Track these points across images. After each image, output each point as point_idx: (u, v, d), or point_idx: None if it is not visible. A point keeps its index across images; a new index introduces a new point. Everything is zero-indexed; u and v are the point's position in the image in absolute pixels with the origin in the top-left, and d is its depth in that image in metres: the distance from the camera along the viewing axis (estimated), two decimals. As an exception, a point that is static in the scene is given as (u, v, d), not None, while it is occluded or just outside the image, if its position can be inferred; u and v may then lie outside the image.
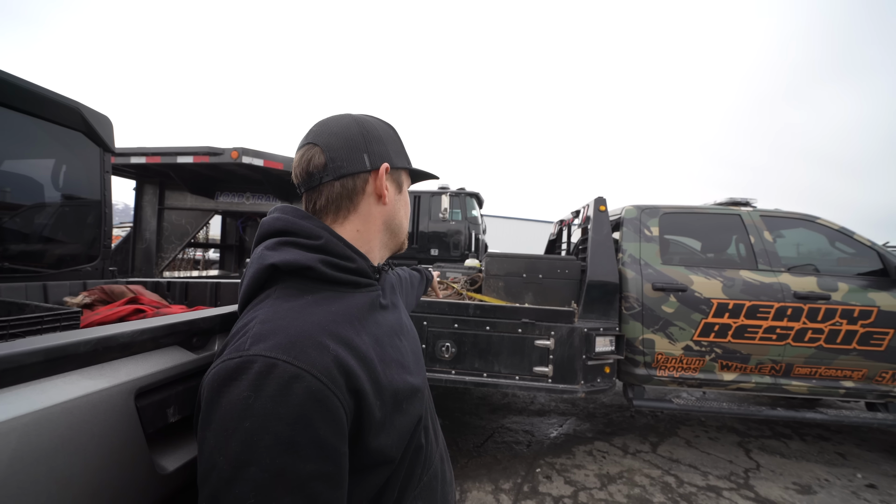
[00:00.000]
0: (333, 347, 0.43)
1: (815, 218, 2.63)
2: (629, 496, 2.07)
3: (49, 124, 1.54)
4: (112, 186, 1.92)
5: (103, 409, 0.41)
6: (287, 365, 0.39)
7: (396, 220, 0.61)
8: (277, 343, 0.40)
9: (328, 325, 0.45)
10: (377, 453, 0.46)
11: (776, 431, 2.96)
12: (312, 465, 0.38)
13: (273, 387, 0.38)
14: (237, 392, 0.38)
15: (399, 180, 0.61)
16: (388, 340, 0.53)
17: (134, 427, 0.44)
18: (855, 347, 2.32)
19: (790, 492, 2.17)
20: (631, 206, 2.77)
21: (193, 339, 0.57)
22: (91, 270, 1.76)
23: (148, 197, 4.13)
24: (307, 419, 0.38)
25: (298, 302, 0.47)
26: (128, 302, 1.41)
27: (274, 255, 0.49)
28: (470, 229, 6.74)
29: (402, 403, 0.50)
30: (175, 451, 0.52)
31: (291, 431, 0.37)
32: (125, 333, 0.46)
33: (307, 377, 0.39)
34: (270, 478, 0.36)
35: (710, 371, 2.43)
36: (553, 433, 2.83)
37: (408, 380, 0.53)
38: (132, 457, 0.43)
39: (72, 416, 0.38)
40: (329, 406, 0.40)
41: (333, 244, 0.51)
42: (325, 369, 0.41)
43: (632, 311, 2.46)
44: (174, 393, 0.52)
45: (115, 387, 0.43)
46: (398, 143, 0.62)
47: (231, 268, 4.91)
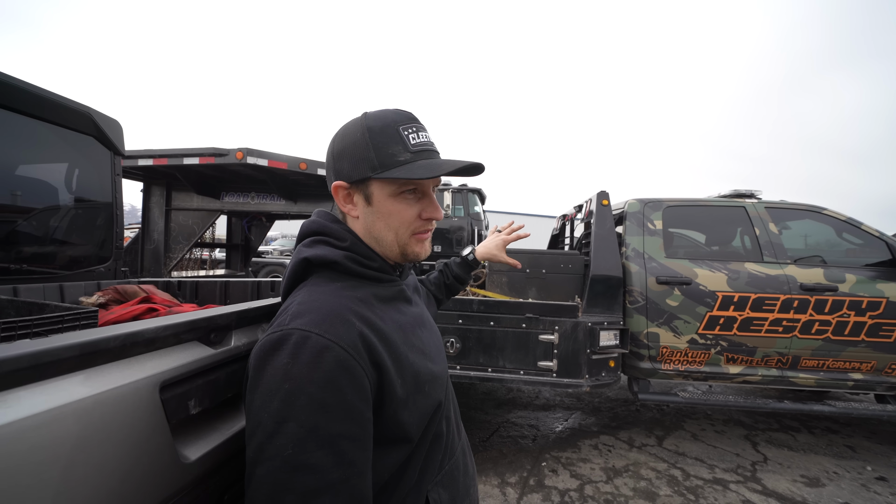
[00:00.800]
0: (358, 325, 0.49)
1: (822, 209, 2.60)
2: (635, 489, 2.09)
3: (61, 129, 1.58)
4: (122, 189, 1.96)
5: (132, 400, 0.43)
6: (319, 337, 0.46)
7: (374, 232, 0.59)
8: (312, 319, 0.47)
9: (354, 306, 0.52)
10: (397, 427, 0.51)
11: (784, 424, 2.96)
12: (341, 425, 0.44)
13: (307, 355, 0.44)
14: (279, 360, 0.45)
15: (368, 192, 0.57)
16: (409, 328, 0.59)
17: (159, 418, 0.47)
18: (863, 339, 2.31)
19: (798, 484, 2.17)
20: (634, 199, 2.76)
21: (212, 335, 0.60)
22: (104, 271, 1.80)
23: (155, 198, 4.19)
24: (336, 383, 0.44)
25: (329, 287, 0.54)
26: (141, 301, 1.44)
27: (308, 251, 0.58)
28: (473, 225, 6.75)
29: (423, 386, 0.55)
30: (196, 441, 0.54)
31: (323, 393, 0.43)
32: (150, 329, 0.48)
33: (336, 348, 0.45)
34: (306, 433, 0.42)
35: (716, 364, 2.43)
36: (558, 427, 2.85)
37: (428, 366, 0.58)
38: (158, 446, 0.46)
39: (104, 406, 0.40)
40: (354, 374, 0.46)
41: (357, 246, 0.59)
42: (350, 342, 0.47)
43: (636, 304, 2.47)
44: (194, 386, 0.54)
45: (141, 380, 0.45)
46: (361, 150, 0.56)
47: (237, 267, 4.97)
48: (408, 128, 0.57)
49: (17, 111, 1.36)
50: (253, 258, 5.25)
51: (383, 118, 0.57)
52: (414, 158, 0.56)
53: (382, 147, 0.55)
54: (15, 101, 1.35)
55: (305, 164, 3.40)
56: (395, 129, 0.56)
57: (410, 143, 0.56)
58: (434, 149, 0.59)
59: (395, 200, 0.58)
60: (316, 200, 4.07)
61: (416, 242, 0.60)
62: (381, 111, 0.58)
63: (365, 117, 0.58)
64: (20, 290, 1.27)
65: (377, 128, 0.56)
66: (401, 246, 0.60)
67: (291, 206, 4.07)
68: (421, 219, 0.59)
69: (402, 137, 0.56)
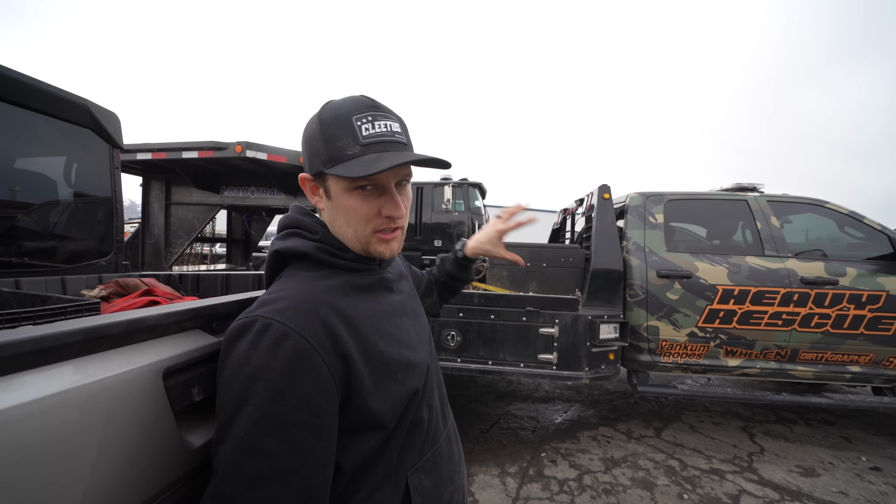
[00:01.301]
0: (324, 314, 0.49)
1: (824, 202, 2.60)
2: (633, 479, 2.12)
3: (59, 122, 1.57)
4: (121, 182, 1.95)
5: (136, 386, 0.44)
6: (280, 325, 0.46)
7: (335, 226, 0.57)
8: (276, 308, 0.48)
9: (322, 295, 0.52)
10: (369, 415, 0.51)
11: (781, 416, 2.98)
12: (295, 414, 0.44)
13: (267, 342, 0.45)
14: (241, 345, 0.46)
15: (325, 186, 0.56)
16: (385, 317, 0.58)
17: (163, 404, 0.47)
18: (862, 332, 2.32)
19: (794, 474, 2.19)
20: (635, 193, 2.76)
21: (214, 324, 0.60)
22: (105, 265, 1.80)
23: (155, 193, 4.18)
24: (293, 372, 0.44)
25: (302, 277, 0.55)
26: (142, 294, 1.45)
27: (279, 244, 0.58)
28: (473, 220, 6.74)
29: (395, 374, 0.55)
30: (200, 427, 0.55)
31: (279, 380, 0.44)
32: (152, 317, 0.48)
33: (296, 336, 0.46)
34: (259, 417, 0.43)
35: (715, 357, 2.44)
36: (558, 419, 2.88)
37: (405, 354, 0.57)
38: (163, 431, 0.47)
39: (108, 392, 0.40)
40: (313, 363, 0.46)
41: (328, 238, 0.58)
42: (312, 331, 0.47)
43: (636, 298, 2.47)
44: (198, 374, 0.54)
45: (144, 366, 0.45)
46: (316, 142, 0.54)
47: (238, 261, 4.98)
48: (362, 117, 0.53)
49: (13, 103, 1.35)
50: (254, 253, 5.25)
51: (338, 108, 0.54)
52: (363, 152, 0.52)
53: (332, 140, 0.53)
54: (11, 93, 1.34)
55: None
56: (348, 119, 0.53)
57: (361, 134, 0.52)
58: (393, 139, 0.54)
59: (351, 196, 0.54)
60: (316, 194, 4.06)
61: (378, 241, 0.57)
62: (341, 100, 0.55)
63: (322, 108, 0.56)
64: (22, 283, 1.27)
65: (329, 119, 0.53)
66: (361, 243, 0.57)
67: (291, 200, 4.06)
68: (381, 216, 0.55)
69: (354, 129, 0.52)
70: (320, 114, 0.55)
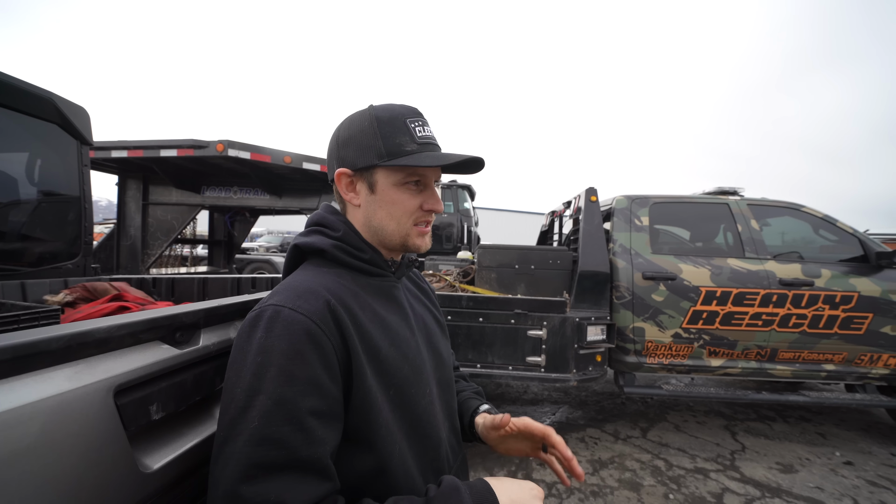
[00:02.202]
0: (333, 304, 0.50)
1: (801, 206, 2.68)
2: (620, 480, 2.12)
3: (21, 115, 1.47)
4: (92, 181, 1.85)
5: (79, 407, 0.39)
6: (290, 311, 0.47)
7: (374, 221, 0.60)
8: (287, 296, 0.49)
9: (332, 288, 0.53)
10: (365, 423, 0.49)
11: (761, 414, 3.05)
12: (308, 401, 0.44)
13: (279, 328, 0.46)
14: (254, 336, 0.46)
15: (372, 180, 0.59)
16: (392, 327, 0.57)
17: (114, 426, 0.43)
18: (836, 332, 2.40)
19: (773, 471, 2.24)
20: (622, 196, 2.79)
21: (177, 334, 0.56)
22: (72, 268, 1.70)
23: (131, 192, 4.01)
24: (303, 355, 0.45)
25: (315, 271, 0.57)
26: (112, 299, 1.37)
27: (300, 239, 0.61)
28: (462, 221, 6.74)
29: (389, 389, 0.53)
30: (160, 448, 0.50)
31: (290, 364, 0.44)
32: (101, 329, 0.44)
33: (306, 321, 0.47)
34: (273, 405, 0.42)
35: (699, 357, 2.48)
36: (546, 421, 2.87)
37: (405, 370, 0.55)
38: (113, 456, 0.42)
39: (44, 415, 0.36)
40: (323, 347, 0.47)
41: (350, 237, 0.60)
42: (322, 316, 0.48)
43: (623, 300, 2.50)
44: (157, 390, 0.50)
45: (91, 384, 0.41)
46: (369, 138, 0.57)
47: (220, 264, 4.83)
48: (414, 121, 0.59)
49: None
50: (236, 255, 5.11)
51: (391, 110, 0.59)
52: (420, 150, 0.57)
53: (390, 136, 0.57)
54: (-34, 84, 1.25)
55: (290, 158, 3.31)
56: (403, 120, 0.58)
57: (417, 135, 0.58)
58: (438, 144, 0.61)
59: (399, 190, 0.58)
60: (301, 195, 3.97)
61: (417, 234, 0.60)
62: (388, 104, 0.60)
63: (372, 108, 0.59)
64: (-25, 288, 1.18)
65: (385, 118, 0.58)
66: (402, 236, 0.60)
67: (276, 200, 3.96)
68: (422, 210, 0.60)
69: (410, 129, 0.58)
70: (373, 113, 0.58)
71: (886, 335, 2.38)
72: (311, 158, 3.32)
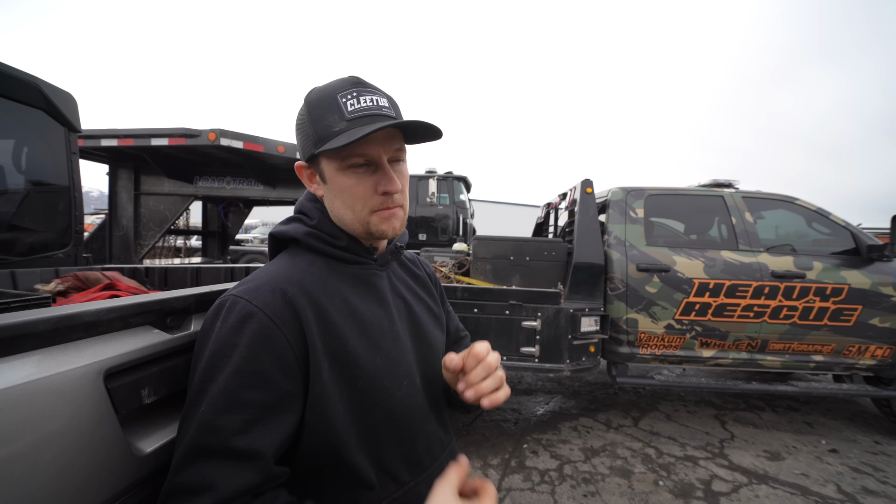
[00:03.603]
0: (292, 294, 0.49)
1: (795, 199, 2.70)
2: (612, 468, 2.17)
3: (5, 101, 1.43)
4: (82, 171, 1.82)
5: (68, 390, 0.39)
6: (246, 303, 0.47)
7: (334, 210, 0.57)
8: (248, 287, 0.49)
9: (298, 277, 0.52)
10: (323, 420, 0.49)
11: (750, 404, 3.12)
12: (252, 394, 0.44)
13: (233, 320, 0.46)
14: (213, 324, 0.47)
15: (320, 170, 0.55)
16: (367, 316, 0.55)
17: (105, 409, 0.43)
18: (826, 323, 2.44)
19: (761, 459, 2.30)
20: (617, 188, 2.79)
21: (167, 319, 0.55)
22: (63, 257, 1.68)
23: (123, 182, 3.95)
24: (253, 351, 0.45)
25: (287, 261, 0.55)
26: (104, 288, 1.36)
27: (276, 228, 0.60)
28: (458, 213, 6.72)
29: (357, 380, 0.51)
30: (153, 431, 0.51)
31: (240, 358, 0.44)
32: (90, 312, 0.44)
33: (260, 314, 0.46)
34: (218, 393, 0.43)
35: (691, 348, 2.52)
36: (539, 411, 2.92)
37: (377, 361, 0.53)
38: (104, 439, 0.42)
39: (32, 398, 0.36)
40: (275, 343, 0.46)
41: (324, 224, 0.58)
42: (276, 310, 0.47)
43: (616, 291, 2.52)
44: (148, 374, 0.50)
45: (80, 368, 0.41)
46: (305, 126, 0.54)
47: (214, 255, 4.79)
48: (347, 94, 0.52)
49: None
50: (231, 246, 5.07)
51: (323, 89, 0.54)
52: (349, 126, 0.51)
53: (319, 120, 0.52)
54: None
55: (283, 147, 3.26)
56: (333, 97, 0.52)
57: (347, 110, 0.51)
58: (380, 112, 0.52)
59: (345, 175, 0.53)
60: (296, 186, 3.93)
61: (378, 220, 0.55)
62: (326, 82, 0.55)
63: (312, 91, 0.55)
64: (-37, 277, 1.16)
65: (314, 100, 0.54)
66: (362, 224, 0.55)
67: (270, 191, 3.92)
68: (377, 193, 0.53)
69: (339, 106, 0.52)
70: (307, 98, 0.55)
71: (875, 327, 2.42)
72: (306, 148, 3.28)
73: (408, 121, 0.51)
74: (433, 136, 0.55)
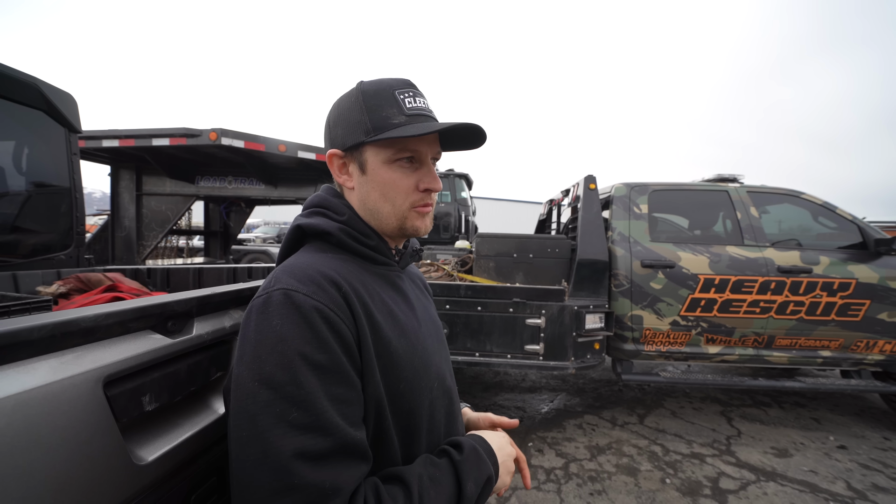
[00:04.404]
0: (346, 290, 0.47)
1: (800, 193, 2.66)
2: (618, 465, 2.16)
3: (5, 102, 1.42)
4: (83, 172, 1.81)
5: (66, 399, 0.38)
6: (304, 296, 0.44)
7: (369, 203, 0.56)
8: (298, 280, 0.46)
9: (343, 273, 0.50)
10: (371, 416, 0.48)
11: (756, 400, 3.10)
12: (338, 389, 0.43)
13: (294, 315, 0.43)
14: (268, 322, 0.43)
15: (362, 159, 0.54)
16: (401, 316, 0.54)
17: (104, 417, 0.42)
18: (833, 318, 2.41)
19: (769, 456, 2.28)
20: (620, 183, 2.76)
21: (169, 323, 0.54)
22: (65, 259, 1.68)
23: (124, 183, 3.95)
24: (328, 343, 0.43)
25: (318, 255, 0.53)
26: (106, 290, 1.35)
27: (303, 220, 0.57)
28: (460, 211, 6.70)
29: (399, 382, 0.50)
30: (154, 440, 0.49)
31: (317, 353, 0.42)
32: (87, 318, 0.42)
33: (321, 306, 0.44)
34: (307, 394, 0.41)
35: (696, 345, 2.50)
36: (544, 409, 2.90)
37: (415, 361, 0.53)
38: (104, 448, 0.41)
39: (28, 408, 0.34)
40: (341, 333, 0.44)
41: (355, 221, 0.56)
42: (337, 304, 0.45)
43: (621, 288, 2.49)
44: (150, 380, 0.49)
45: (78, 375, 0.39)
46: (355, 114, 0.53)
47: (216, 255, 4.79)
48: (404, 92, 0.54)
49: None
50: (233, 246, 5.07)
51: (379, 83, 0.55)
52: (409, 121, 0.52)
53: (376, 109, 0.52)
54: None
55: (285, 147, 3.25)
56: (391, 92, 0.54)
57: (406, 106, 0.53)
58: (432, 115, 0.55)
59: (391, 168, 0.54)
60: (297, 185, 3.92)
61: (415, 216, 0.56)
62: (378, 78, 0.56)
63: (360, 84, 0.56)
64: (-36, 280, 1.16)
65: (372, 91, 0.54)
66: (399, 219, 0.56)
67: (271, 190, 3.91)
68: (419, 190, 0.55)
69: (398, 100, 0.53)
70: (360, 88, 0.55)
71: (883, 321, 2.39)
72: (307, 147, 3.26)
73: (473, 124, 0.53)
74: (469, 146, 0.59)
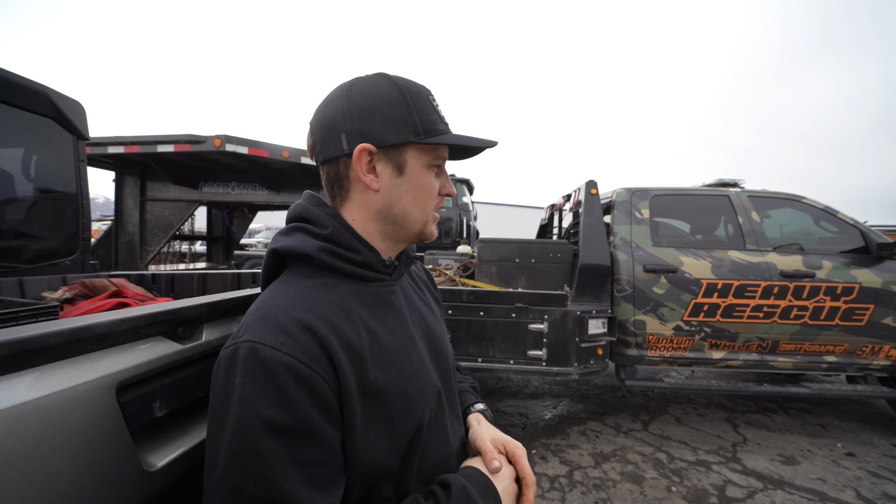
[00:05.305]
0: (323, 334, 0.42)
1: (802, 198, 2.67)
2: (622, 473, 2.13)
3: (15, 110, 1.45)
4: (90, 178, 1.83)
5: (81, 405, 0.38)
6: (271, 350, 0.39)
7: (396, 208, 0.51)
8: (266, 329, 0.41)
9: (320, 310, 0.45)
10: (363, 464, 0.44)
11: (762, 406, 3.07)
12: (306, 452, 0.39)
13: (259, 373, 0.38)
14: (232, 380, 0.39)
15: (401, 160, 0.50)
16: (391, 342, 0.50)
17: (116, 423, 0.42)
18: (837, 323, 2.40)
19: (775, 463, 2.25)
20: (622, 188, 2.77)
21: (179, 329, 0.54)
22: (70, 264, 1.69)
23: (129, 188, 3.98)
24: (294, 404, 0.38)
25: (297, 287, 0.47)
26: (111, 296, 1.36)
27: (279, 241, 0.51)
28: (461, 216, 6.71)
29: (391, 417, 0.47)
30: (164, 446, 0.49)
31: (280, 415, 0.38)
32: (102, 324, 0.43)
33: (291, 361, 0.39)
34: (265, 465, 0.36)
35: (700, 350, 2.48)
36: (547, 415, 2.88)
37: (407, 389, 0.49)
38: (115, 454, 0.41)
39: (44, 413, 0.35)
40: (314, 386, 0.40)
41: (340, 234, 0.50)
42: (310, 353, 0.41)
43: (623, 293, 2.49)
44: (160, 386, 0.49)
45: (92, 381, 0.40)
46: (400, 111, 0.49)
47: (219, 260, 4.81)
48: (433, 99, 0.53)
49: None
50: (235, 251, 5.09)
51: (413, 84, 0.52)
52: (447, 129, 0.53)
53: (424, 112, 0.50)
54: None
55: (288, 153, 3.28)
56: (427, 96, 0.52)
57: (440, 114, 0.53)
58: None
59: (428, 172, 0.53)
60: (300, 190, 3.95)
61: (433, 220, 0.56)
62: (404, 77, 0.53)
63: (391, 77, 0.51)
64: (-28, 286, 1.16)
65: (414, 91, 0.51)
66: (423, 223, 0.54)
67: (274, 196, 3.93)
68: (440, 195, 0.55)
69: (434, 106, 0.52)
70: (398, 83, 0.50)
71: (888, 326, 2.38)
72: (310, 153, 3.30)
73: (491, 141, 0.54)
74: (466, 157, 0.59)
